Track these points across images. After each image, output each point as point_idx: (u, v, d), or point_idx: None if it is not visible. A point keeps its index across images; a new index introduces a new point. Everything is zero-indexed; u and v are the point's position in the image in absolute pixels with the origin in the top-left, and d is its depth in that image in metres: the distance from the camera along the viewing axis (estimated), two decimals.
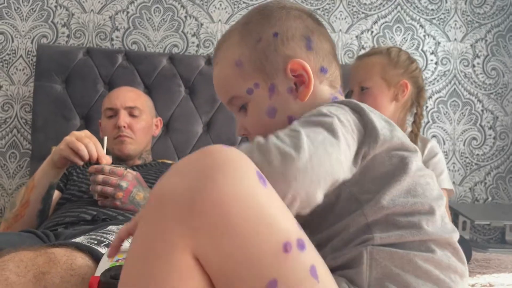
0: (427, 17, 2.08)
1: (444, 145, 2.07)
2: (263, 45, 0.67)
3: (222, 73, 0.69)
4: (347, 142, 0.54)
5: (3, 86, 1.81)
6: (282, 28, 0.67)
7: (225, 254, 0.44)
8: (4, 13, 1.82)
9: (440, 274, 0.53)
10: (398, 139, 0.59)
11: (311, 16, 0.71)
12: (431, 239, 0.55)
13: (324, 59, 0.68)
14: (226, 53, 0.69)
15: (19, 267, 0.64)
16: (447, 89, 2.09)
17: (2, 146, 1.81)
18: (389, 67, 1.33)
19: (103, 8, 1.88)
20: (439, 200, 0.58)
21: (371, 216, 0.55)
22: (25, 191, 1.20)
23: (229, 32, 0.71)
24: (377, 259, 0.52)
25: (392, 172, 0.57)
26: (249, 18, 0.70)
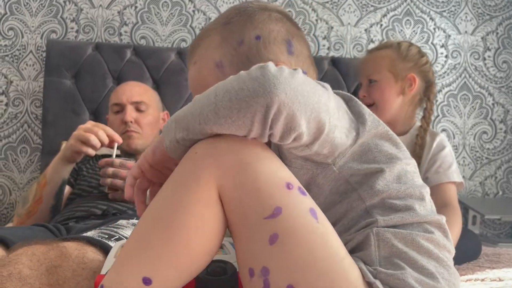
0: (437, 10, 2.06)
1: (454, 139, 2.06)
2: (245, 48, 0.66)
3: (200, 74, 0.68)
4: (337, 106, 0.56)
5: (14, 81, 1.83)
6: (264, 31, 0.67)
7: (239, 186, 0.52)
8: (14, 9, 1.83)
9: (439, 253, 0.56)
10: (384, 127, 0.61)
11: (291, 19, 0.71)
12: (426, 221, 0.57)
13: (303, 63, 0.68)
14: (205, 53, 0.68)
15: (31, 260, 0.65)
16: (457, 83, 2.07)
17: (13, 141, 1.83)
18: (397, 60, 1.32)
19: (111, 3, 1.88)
20: (425, 187, 0.62)
21: (368, 200, 0.57)
22: (37, 187, 1.21)
23: (207, 31, 0.70)
24: (384, 240, 0.55)
25: (382, 159, 0.59)
26: (229, 18, 0.69)
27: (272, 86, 0.49)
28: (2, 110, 1.82)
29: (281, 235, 0.50)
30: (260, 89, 0.50)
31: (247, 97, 0.50)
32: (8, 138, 1.83)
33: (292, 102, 0.50)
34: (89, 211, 1.16)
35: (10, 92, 1.83)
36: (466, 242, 1.29)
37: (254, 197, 0.51)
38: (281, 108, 0.50)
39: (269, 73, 0.50)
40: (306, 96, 0.51)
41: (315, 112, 0.52)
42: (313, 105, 0.52)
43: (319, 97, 0.52)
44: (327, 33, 2.00)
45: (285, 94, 0.49)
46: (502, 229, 2.08)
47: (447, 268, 0.56)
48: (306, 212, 0.51)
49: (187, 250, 0.52)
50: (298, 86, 0.51)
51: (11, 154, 1.83)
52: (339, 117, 0.56)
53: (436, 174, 1.28)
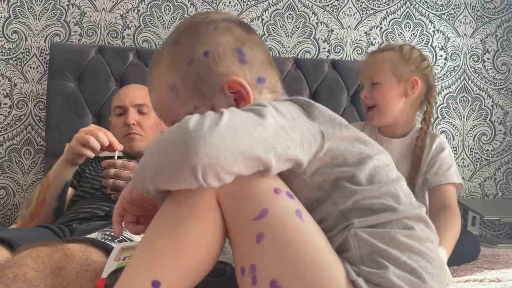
0: (437, 13, 2.07)
1: (453, 140, 2.07)
2: (195, 67, 0.65)
3: (159, 99, 0.67)
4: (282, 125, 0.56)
5: (18, 84, 1.85)
6: (211, 46, 0.65)
7: (233, 192, 0.56)
8: (18, 12, 1.86)
9: (421, 246, 0.57)
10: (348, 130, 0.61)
11: (240, 24, 0.69)
12: (405, 217, 0.58)
13: (259, 69, 0.67)
14: (159, 78, 0.67)
15: (36, 262, 0.66)
16: (456, 85, 2.08)
17: (17, 143, 1.85)
18: (400, 63, 1.32)
19: (114, 6, 1.90)
20: (400, 181, 0.62)
21: (342, 204, 0.58)
22: (41, 189, 1.23)
23: (159, 54, 0.69)
24: (362, 239, 0.56)
25: (352, 161, 0.60)
26: (177, 37, 0.68)
27: (192, 153, 0.51)
28: (6, 112, 1.84)
29: (266, 234, 0.53)
30: (182, 157, 0.51)
31: (173, 164, 0.52)
32: (12, 140, 1.85)
33: (215, 161, 0.51)
34: (92, 213, 1.17)
35: (14, 95, 1.85)
36: (465, 243, 1.29)
37: (245, 201, 0.55)
38: (206, 169, 0.51)
39: (188, 136, 0.51)
40: (231, 145, 0.52)
41: (248, 154, 0.53)
42: (243, 150, 0.52)
43: (249, 137, 0.53)
44: (327, 36, 2.01)
45: (206, 156, 0.51)
46: (501, 230, 2.09)
47: (430, 260, 0.57)
48: (292, 213, 0.55)
49: (193, 254, 0.55)
50: (221, 140, 0.51)
51: (15, 156, 1.85)
52: (290, 134, 0.56)
53: (435, 176, 1.28)
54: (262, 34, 1.97)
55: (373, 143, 0.63)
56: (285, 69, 1.88)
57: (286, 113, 0.58)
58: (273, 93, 0.69)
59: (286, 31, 1.99)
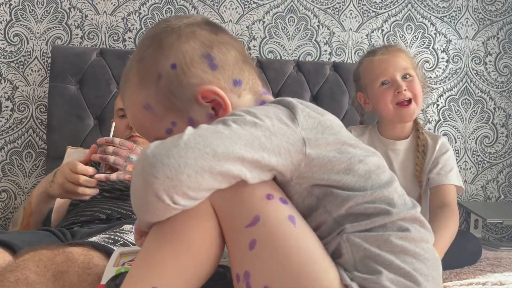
0: (438, 15, 2.07)
1: (455, 143, 2.06)
2: (165, 82, 0.62)
3: (135, 118, 0.65)
4: (255, 135, 0.54)
5: (19, 87, 1.85)
6: (177, 57, 0.62)
7: (226, 199, 0.56)
8: (19, 15, 1.86)
9: (416, 248, 0.56)
10: (336, 134, 0.59)
11: (206, 25, 0.66)
12: (399, 218, 0.57)
13: (233, 71, 0.64)
14: (131, 98, 0.64)
15: (38, 266, 0.66)
16: (458, 87, 2.08)
17: (18, 146, 1.85)
18: (414, 62, 1.36)
19: (115, 9, 1.90)
20: (393, 183, 0.60)
21: (335, 212, 0.57)
22: (24, 213, 1.23)
23: (127, 72, 0.66)
24: (355, 244, 0.55)
25: (341, 168, 0.57)
26: (142, 52, 0.64)
27: (151, 178, 0.50)
28: (7, 115, 1.84)
29: (259, 240, 0.53)
30: (144, 184, 0.51)
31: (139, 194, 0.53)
32: (13, 143, 1.85)
33: (179, 182, 0.50)
34: (93, 216, 1.17)
35: (15, 98, 1.85)
36: (466, 245, 1.30)
37: (237, 208, 0.55)
38: (171, 192, 0.51)
39: (147, 162, 0.51)
40: (194, 163, 0.50)
41: (216, 170, 0.52)
42: (208, 166, 0.51)
43: (213, 152, 0.51)
44: (328, 38, 2.01)
45: (168, 179, 0.50)
46: (504, 233, 2.09)
47: (425, 262, 0.56)
48: (284, 219, 0.54)
49: (192, 262, 0.55)
50: (180, 160, 0.50)
51: (16, 159, 1.85)
52: (263, 144, 0.54)
53: (437, 176, 1.29)
54: (263, 37, 1.97)
55: (362, 145, 0.61)
56: (287, 71, 1.88)
57: (264, 119, 0.55)
58: (253, 94, 0.66)
59: (287, 34, 1.99)
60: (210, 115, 0.62)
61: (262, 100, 0.66)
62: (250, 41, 1.97)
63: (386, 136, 1.39)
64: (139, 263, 0.56)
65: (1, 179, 1.84)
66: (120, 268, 0.68)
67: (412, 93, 1.29)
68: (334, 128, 0.59)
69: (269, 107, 0.59)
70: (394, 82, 1.30)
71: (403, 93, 1.28)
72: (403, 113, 1.30)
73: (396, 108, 1.30)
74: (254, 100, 0.66)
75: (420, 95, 1.30)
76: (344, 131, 0.61)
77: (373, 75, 1.33)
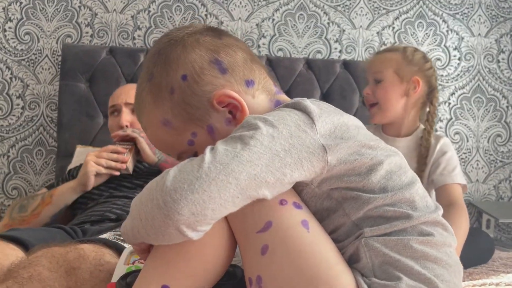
0: (450, 12, 2.04)
1: (467, 142, 2.04)
2: (178, 95, 0.62)
3: (156, 137, 0.65)
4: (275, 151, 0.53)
5: (30, 85, 1.86)
6: (186, 67, 0.62)
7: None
8: (30, 14, 1.87)
9: (438, 253, 0.55)
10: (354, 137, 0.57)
11: (208, 31, 0.65)
12: (421, 222, 0.56)
13: (244, 71, 0.63)
14: (148, 117, 0.64)
15: (51, 262, 0.67)
16: (470, 85, 2.05)
17: (29, 144, 1.86)
18: (403, 63, 1.36)
19: (125, 7, 1.91)
20: (415, 184, 0.59)
21: (354, 214, 0.56)
22: (40, 203, 1.25)
23: (139, 94, 0.66)
24: (374, 249, 0.54)
25: (362, 170, 0.56)
26: (150, 71, 0.64)
27: (175, 215, 0.50)
28: (18, 113, 1.86)
29: (271, 246, 0.53)
30: (166, 219, 0.50)
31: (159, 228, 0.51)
32: (24, 141, 1.86)
33: (203, 217, 0.50)
34: (103, 216, 1.17)
35: (26, 96, 1.86)
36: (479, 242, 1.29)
37: (249, 214, 0.55)
38: (194, 226, 0.51)
39: (168, 196, 0.50)
40: (218, 196, 0.50)
41: (238, 199, 0.51)
42: (231, 197, 0.51)
43: (236, 181, 0.50)
44: (339, 36, 2.00)
45: (193, 215, 0.50)
46: None
47: (446, 267, 0.55)
48: (297, 224, 0.54)
49: (203, 263, 0.55)
50: (204, 195, 0.50)
51: (27, 156, 1.86)
52: (284, 160, 0.53)
53: (441, 176, 1.31)
54: (273, 35, 1.96)
55: (383, 145, 0.60)
56: (296, 69, 1.87)
57: (281, 129, 0.54)
58: (267, 93, 0.65)
59: (297, 32, 1.98)
60: (228, 120, 0.62)
61: (277, 100, 0.65)
62: (260, 39, 1.96)
63: (387, 133, 1.43)
64: (151, 263, 0.56)
65: (12, 177, 1.85)
66: (130, 267, 0.68)
67: (377, 97, 1.36)
68: (351, 131, 0.58)
69: (286, 113, 0.57)
70: (367, 84, 1.41)
71: (365, 96, 1.40)
72: (370, 114, 1.41)
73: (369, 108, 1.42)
74: (268, 100, 0.65)
75: (385, 99, 1.36)
76: (361, 132, 0.60)
77: None
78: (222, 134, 0.59)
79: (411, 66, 1.36)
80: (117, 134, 1.32)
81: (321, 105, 0.60)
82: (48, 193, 1.27)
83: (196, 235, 0.52)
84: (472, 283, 1.05)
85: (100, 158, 1.25)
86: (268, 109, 0.63)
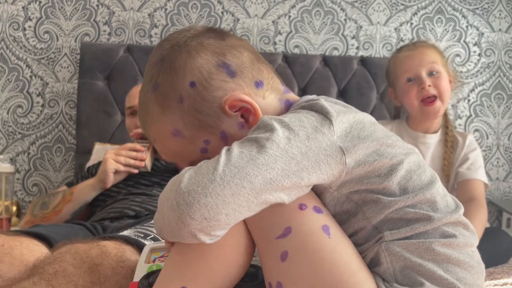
0: (470, 7, 2.01)
1: (487, 139, 2.01)
2: (188, 103, 0.59)
3: (167, 147, 0.63)
4: (291, 154, 0.52)
5: (49, 83, 1.89)
6: (194, 74, 0.59)
7: (258, 212, 0.53)
8: (49, 13, 1.89)
9: (460, 254, 0.54)
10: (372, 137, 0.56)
11: (210, 32, 0.63)
12: (443, 224, 0.55)
13: (252, 72, 0.61)
14: (157, 129, 0.62)
15: (75, 259, 0.68)
16: (491, 82, 2.02)
17: (49, 141, 1.89)
18: (443, 56, 1.36)
19: (142, 5, 1.92)
20: (435, 183, 0.57)
21: (374, 218, 0.55)
22: (61, 200, 1.28)
23: (144, 105, 0.63)
24: (395, 254, 0.53)
25: (382, 171, 0.55)
26: (154, 80, 0.61)
27: (187, 219, 0.49)
28: (38, 111, 1.89)
29: (290, 252, 0.52)
30: (178, 222, 0.50)
31: (172, 228, 0.51)
32: (44, 138, 1.89)
33: (217, 222, 0.49)
34: (122, 212, 1.19)
35: (46, 94, 1.89)
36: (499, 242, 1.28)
37: (268, 219, 0.54)
38: (208, 231, 0.50)
39: (181, 198, 0.49)
40: (231, 201, 0.49)
41: (253, 203, 0.50)
42: (246, 201, 0.50)
43: (251, 185, 0.49)
44: (356, 32, 1.98)
45: (205, 220, 0.49)
46: None
47: (469, 269, 0.54)
48: (318, 229, 0.52)
49: (221, 265, 0.55)
50: (218, 199, 0.49)
51: (47, 153, 1.89)
52: (301, 163, 0.52)
53: (467, 171, 1.31)
54: (289, 31, 1.96)
55: (400, 143, 0.58)
56: (313, 66, 1.86)
57: (298, 131, 0.53)
58: (276, 92, 0.64)
59: (313, 28, 1.97)
60: (241, 124, 0.60)
61: (286, 99, 0.64)
62: (276, 36, 1.95)
63: (416, 129, 1.39)
64: (170, 263, 0.56)
65: (33, 173, 1.88)
66: (151, 266, 0.68)
67: (438, 90, 1.30)
68: (367, 128, 0.57)
69: (302, 114, 0.56)
70: (418, 79, 1.31)
71: (427, 89, 1.29)
72: (428, 110, 1.31)
73: (421, 105, 1.31)
74: (278, 100, 0.63)
75: (446, 92, 1.31)
76: (378, 129, 0.58)
77: (399, 71, 1.35)
78: (236, 139, 0.57)
79: (446, 60, 1.36)
80: (135, 133, 1.34)
81: (334, 104, 0.59)
82: (68, 191, 1.29)
83: (211, 239, 0.51)
84: (493, 282, 1.04)
85: (119, 156, 1.26)
86: (278, 109, 0.62)
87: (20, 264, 0.75)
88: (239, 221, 0.52)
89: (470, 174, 1.30)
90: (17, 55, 1.88)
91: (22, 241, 0.81)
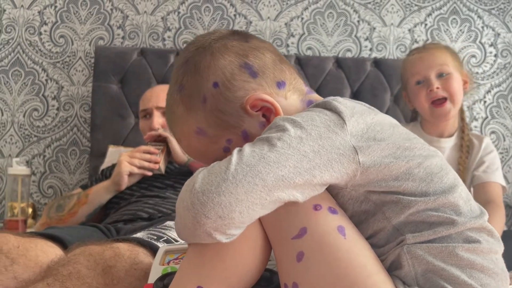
0: (486, 8, 1.98)
1: (504, 141, 1.97)
2: (211, 103, 0.61)
3: (191, 147, 0.65)
4: (303, 152, 0.52)
5: (64, 86, 1.91)
6: (217, 74, 0.61)
7: (273, 212, 0.54)
8: (65, 17, 1.92)
9: (484, 260, 0.53)
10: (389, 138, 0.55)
11: (234, 35, 0.65)
12: (467, 229, 0.54)
13: (274, 73, 0.63)
14: (182, 129, 0.64)
15: (89, 261, 0.68)
16: (507, 83, 1.98)
17: (64, 144, 1.91)
18: (456, 58, 1.34)
19: (155, 9, 1.93)
20: (458, 187, 0.56)
21: (394, 219, 0.54)
22: (76, 202, 1.29)
23: (170, 106, 0.65)
24: (417, 257, 0.52)
25: (400, 173, 0.54)
26: (180, 81, 0.64)
27: (202, 218, 0.50)
28: (54, 114, 1.91)
29: (306, 253, 0.52)
30: (194, 221, 0.50)
31: (188, 229, 0.52)
32: (59, 141, 1.91)
33: (231, 220, 0.50)
34: (135, 215, 1.19)
35: (61, 97, 1.91)
36: None
37: (284, 220, 0.54)
38: (223, 229, 0.51)
39: (196, 198, 0.50)
40: (244, 199, 0.50)
41: (266, 200, 0.51)
42: (258, 199, 0.50)
43: (263, 182, 0.50)
44: (369, 34, 1.96)
45: (220, 218, 0.50)
46: None
47: (493, 276, 0.53)
48: (333, 230, 0.52)
49: (238, 267, 0.55)
50: (231, 197, 0.49)
51: (62, 156, 1.91)
52: (313, 161, 0.52)
53: (484, 174, 1.29)
54: (302, 33, 1.95)
55: (420, 145, 0.57)
56: (326, 68, 1.85)
57: (310, 130, 0.53)
58: (298, 92, 0.64)
59: (326, 30, 1.96)
60: (263, 123, 0.61)
61: (309, 99, 0.64)
62: (288, 38, 1.95)
63: (430, 133, 1.37)
64: (186, 264, 0.57)
65: (48, 176, 1.91)
66: (166, 268, 0.68)
67: (448, 91, 1.29)
68: (386, 131, 0.56)
69: (315, 113, 0.56)
70: (427, 81, 1.31)
71: (435, 92, 1.28)
72: (438, 112, 1.30)
73: (431, 107, 1.31)
74: (300, 100, 0.64)
75: (456, 93, 1.29)
76: (397, 131, 0.58)
77: (409, 74, 1.35)
78: None
79: (458, 61, 1.34)
80: (150, 135, 1.35)
81: (351, 104, 0.58)
82: (83, 193, 1.30)
83: (227, 238, 0.52)
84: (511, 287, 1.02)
85: (133, 158, 1.27)
86: (301, 109, 0.62)
87: (35, 266, 0.76)
88: (253, 219, 0.53)
89: (486, 177, 1.29)
90: (33, 59, 1.91)
91: (37, 243, 0.82)
